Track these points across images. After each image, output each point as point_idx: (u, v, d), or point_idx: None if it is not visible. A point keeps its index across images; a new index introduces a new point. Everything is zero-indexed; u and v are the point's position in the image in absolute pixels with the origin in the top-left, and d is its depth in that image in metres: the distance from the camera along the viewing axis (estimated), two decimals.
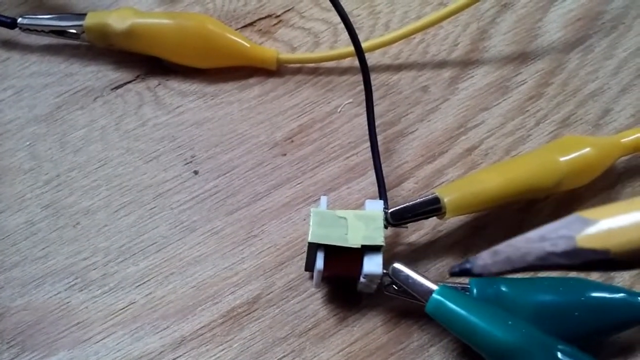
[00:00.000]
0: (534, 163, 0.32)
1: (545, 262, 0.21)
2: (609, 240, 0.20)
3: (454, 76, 0.38)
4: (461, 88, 0.37)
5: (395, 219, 0.31)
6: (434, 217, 0.32)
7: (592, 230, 0.20)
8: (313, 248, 0.30)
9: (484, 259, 0.22)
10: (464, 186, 0.31)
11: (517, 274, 0.22)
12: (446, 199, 0.31)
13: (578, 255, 0.20)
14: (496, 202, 0.31)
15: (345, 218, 0.30)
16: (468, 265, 0.23)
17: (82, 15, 0.38)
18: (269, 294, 0.33)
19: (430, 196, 0.31)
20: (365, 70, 0.33)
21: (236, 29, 0.39)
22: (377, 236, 0.30)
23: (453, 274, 0.24)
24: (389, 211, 0.31)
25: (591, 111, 0.37)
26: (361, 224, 0.30)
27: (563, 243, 0.21)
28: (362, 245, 0.29)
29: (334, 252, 0.29)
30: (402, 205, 0.31)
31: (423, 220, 0.32)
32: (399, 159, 0.36)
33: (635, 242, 0.20)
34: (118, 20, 0.37)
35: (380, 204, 0.31)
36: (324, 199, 0.31)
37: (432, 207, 0.31)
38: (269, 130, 0.37)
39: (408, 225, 0.31)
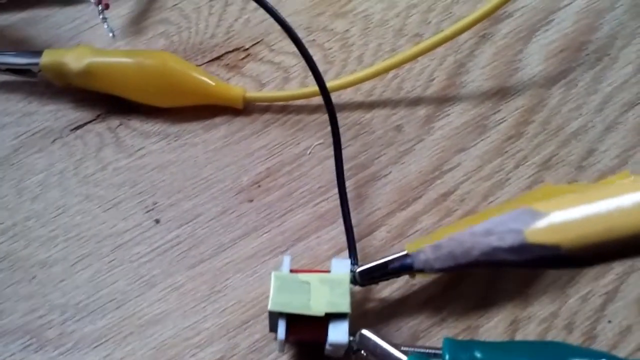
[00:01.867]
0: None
1: (491, 257, 0.20)
2: (560, 235, 0.18)
3: (429, 114, 0.36)
4: (437, 127, 0.35)
5: (364, 278, 0.29)
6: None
7: (542, 223, 0.19)
8: (274, 316, 0.28)
9: (426, 253, 0.22)
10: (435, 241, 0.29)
11: (463, 271, 0.20)
12: None
13: (527, 250, 0.19)
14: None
15: (308, 283, 0.28)
16: (409, 261, 0.22)
17: (38, 53, 0.36)
18: (232, 356, 0.31)
19: (400, 254, 0.29)
20: (333, 120, 0.32)
21: (202, 64, 0.37)
22: (343, 302, 0.28)
23: (392, 270, 0.21)
24: (357, 270, 0.29)
25: (574, 152, 0.35)
26: (326, 288, 0.28)
27: (511, 237, 0.19)
28: (327, 314, 0.27)
29: (297, 319, 0.28)
30: (370, 264, 0.30)
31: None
32: (370, 205, 0.34)
33: (589, 237, 0.18)
34: (75, 60, 0.35)
35: (347, 263, 0.29)
36: (286, 260, 0.29)
37: (402, 265, 0.29)
38: (235, 174, 0.35)
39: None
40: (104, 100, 0.36)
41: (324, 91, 0.32)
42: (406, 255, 0.29)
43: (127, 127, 0.36)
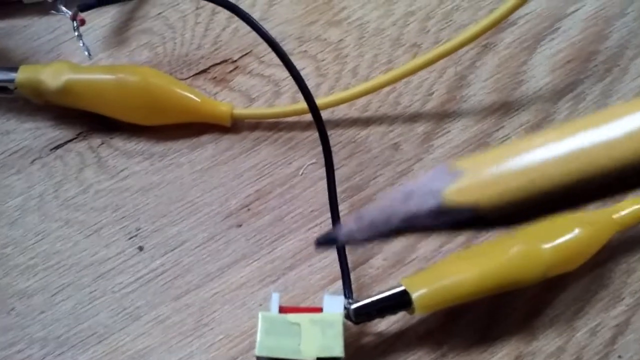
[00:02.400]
0: (513, 254, 0.28)
1: (411, 223, 0.17)
2: (478, 193, 0.16)
3: (428, 131, 0.34)
4: (436, 145, 0.33)
5: (359, 316, 0.28)
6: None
7: (461, 183, 0.16)
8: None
9: (349, 224, 0.19)
10: (434, 279, 0.28)
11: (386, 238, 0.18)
12: (415, 295, 0.27)
13: (444, 213, 0.16)
14: (471, 298, 0.28)
15: (298, 324, 0.26)
16: (333, 235, 0.20)
17: (14, 69, 0.34)
18: None
19: (397, 290, 0.28)
20: (325, 142, 0.30)
21: (188, 77, 0.35)
22: (336, 346, 0.26)
23: (319, 244, 0.20)
24: (352, 307, 0.28)
25: None
26: (317, 330, 0.26)
27: (429, 200, 0.17)
28: (318, 358, 0.26)
29: None
30: (365, 301, 0.28)
31: None
32: None
33: (508, 194, 0.16)
34: (52, 76, 0.33)
35: (340, 300, 0.28)
36: (275, 297, 0.27)
37: (399, 302, 0.28)
38: (223, 197, 0.33)
39: None
40: (86, 117, 0.34)
41: (315, 112, 0.30)
42: (404, 291, 0.27)
43: (110, 146, 0.34)
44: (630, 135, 0.15)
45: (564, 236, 0.28)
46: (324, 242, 0.21)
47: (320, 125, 0.30)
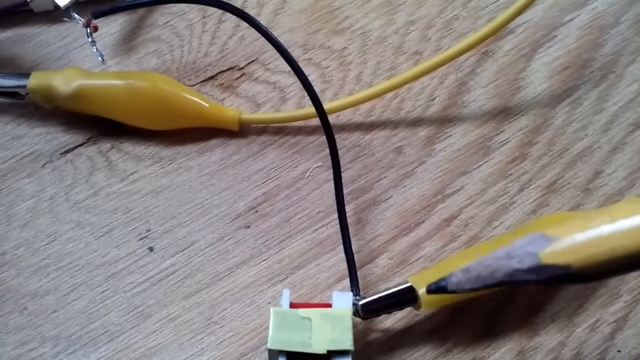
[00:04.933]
0: None
1: (513, 278, 0.23)
2: (570, 256, 0.22)
3: (430, 135, 0.35)
4: (438, 149, 0.34)
5: (367, 312, 0.28)
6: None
7: (554, 247, 0.22)
8: (274, 354, 0.27)
9: (458, 276, 0.24)
10: (440, 275, 0.28)
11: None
12: (421, 291, 0.28)
13: (542, 270, 0.22)
14: (476, 294, 0.29)
15: (309, 319, 0.27)
16: (443, 283, 0.25)
17: (26, 75, 0.34)
18: None
19: (404, 286, 0.29)
20: (332, 145, 0.31)
21: (196, 83, 0.36)
22: (345, 339, 0.27)
23: (430, 292, 0.26)
24: (360, 303, 0.29)
25: (580, 174, 0.34)
26: (327, 324, 0.27)
27: (528, 260, 0.22)
28: (329, 351, 0.26)
29: (297, 357, 0.27)
30: (373, 297, 0.29)
31: None
32: (371, 230, 0.33)
33: (595, 257, 0.22)
34: (63, 82, 0.34)
35: (349, 296, 0.28)
36: (286, 293, 0.28)
37: (406, 298, 0.28)
38: (231, 199, 0.34)
39: None
40: (95, 122, 0.35)
41: (323, 116, 0.31)
42: (410, 287, 0.28)
43: (119, 150, 0.35)
44: None
45: None
46: (434, 290, 0.26)
47: (328, 129, 0.31)
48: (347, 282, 0.30)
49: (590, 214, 0.23)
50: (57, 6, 0.36)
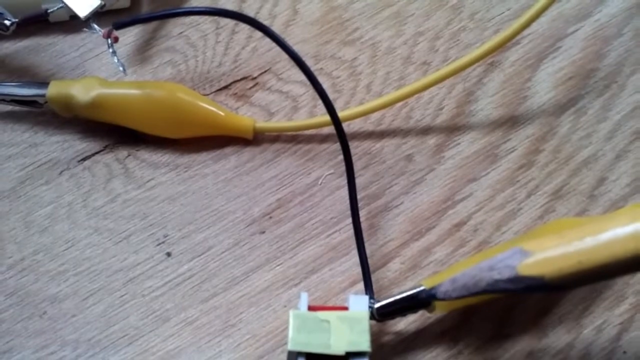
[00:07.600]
0: None
1: (494, 287, 0.26)
2: (543, 268, 0.25)
3: (439, 143, 0.36)
4: (447, 157, 0.35)
5: (382, 314, 0.29)
6: None
7: (529, 260, 0.25)
8: (293, 355, 0.28)
9: (446, 285, 0.27)
10: None
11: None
12: None
13: (519, 281, 0.25)
14: (489, 297, 0.29)
15: (328, 321, 0.28)
16: (433, 292, 0.28)
17: (45, 84, 0.35)
18: None
19: (418, 289, 0.29)
20: (345, 148, 0.32)
21: (210, 93, 0.37)
22: (363, 340, 0.28)
23: (411, 305, 0.29)
24: (375, 306, 0.29)
25: (585, 180, 0.35)
26: (345, 326, 0.28)
27: (507, 272, 0.26)
28: (347, 352, 0.27)
29: (316, 359, 0.28)
30: (389, 300, 0.30)
31: None
32: (383, 236, 0.34)
33: (565, 269, 0.25)
34: (82, 91, 0.35)
35: (365, 299, 0.29)
36: (304, 297, 0.29)
37: (421, 301, 0.29)
38: (246, 205, 0.34)
39: None
40: (112, 130, 0.36)
41: (337, 124, 0.32)
42: (424, 290, 0.29)
43: (136, 158, 0.36)
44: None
45: None
46: (425, 298, 0.28)
47: (342, 136, 0.32)
48: (360, 286, 0.31)
49: (563, 232, 0.26)
50: (72, 17, 0.37)
